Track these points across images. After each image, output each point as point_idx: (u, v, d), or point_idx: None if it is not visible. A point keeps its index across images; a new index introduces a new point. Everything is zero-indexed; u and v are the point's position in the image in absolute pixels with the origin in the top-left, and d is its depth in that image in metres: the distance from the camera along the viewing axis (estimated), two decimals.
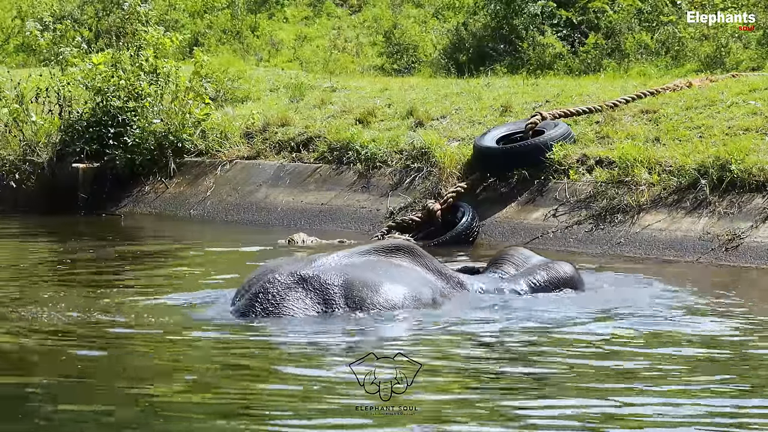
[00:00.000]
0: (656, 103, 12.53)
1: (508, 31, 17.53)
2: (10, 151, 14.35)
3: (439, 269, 7.73)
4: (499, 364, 6.36)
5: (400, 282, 7.39)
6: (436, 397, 5.62)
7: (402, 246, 7.76)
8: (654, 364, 6.27)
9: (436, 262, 7.80)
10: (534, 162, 11.63)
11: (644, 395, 5.61)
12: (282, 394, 5.69)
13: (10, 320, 7.37)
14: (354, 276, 7.31)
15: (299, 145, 13.67)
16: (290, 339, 6.83)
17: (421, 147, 12.52)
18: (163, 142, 14.06)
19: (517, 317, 7.40)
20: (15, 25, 21.70)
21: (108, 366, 6.35)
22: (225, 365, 6.31)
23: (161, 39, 15.02)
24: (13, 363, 6.36)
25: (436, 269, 7.72)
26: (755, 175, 10.44)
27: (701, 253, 10.11)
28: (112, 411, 5.38)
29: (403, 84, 15.78)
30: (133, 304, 7.91)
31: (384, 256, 7.59)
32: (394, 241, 7.89)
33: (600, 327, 7.26)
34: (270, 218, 12.91)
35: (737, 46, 15.83)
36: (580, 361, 6.33)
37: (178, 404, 5.49)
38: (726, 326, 7.33)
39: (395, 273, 7.45)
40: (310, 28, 21.17)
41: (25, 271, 9.82)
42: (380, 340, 6.78)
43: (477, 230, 11.36)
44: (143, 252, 11.22)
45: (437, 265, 7.77)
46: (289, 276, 7.29)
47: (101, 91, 14.28)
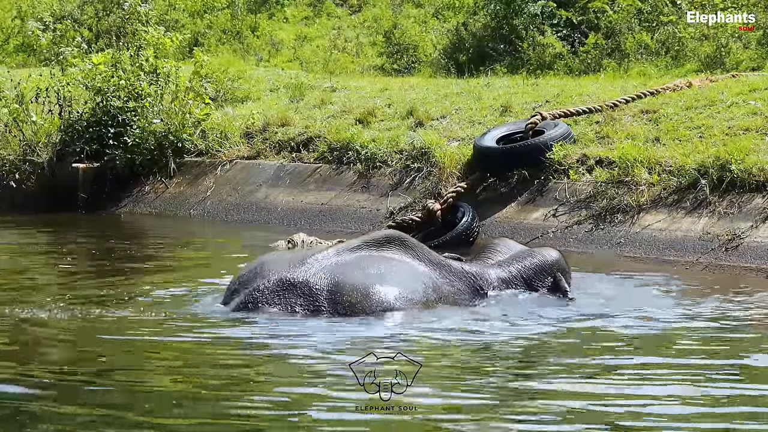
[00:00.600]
0: (656, 103, 12.53)
1: (508, 31, 17.53)
2: (10, 151, 14.35)
3: (431, 259, 7.66)
4: (498, 364, 6.36)
5: (390, 281, 7.33)
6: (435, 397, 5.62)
7: (393, 237, 7.69)
8: (654, 364, 6.27)
9: (428, 252, 7.72)
10: (534, 162, 11.62)
11: (645, 394, 5.62)
12: (282, 394, 5.69)
13: (10, 320, 7.37)
14: (343, 279, 7.24)
15: (299, 145, 13.67)
16: (290, 339, 6.83)
17: (421, 147, 12.51)
18: (163, 142, 14.06)
19: (513, 315, 7.41)
20: (15, 25, 21.70)
21: (106, 366, 6.35)
22: (225, 365, 6.31)
23: (161, 39, 15.02)
24: (12, 363, 6.35)
25: (428, 259, 7.65)
26: (755, 175, 10.44)
27: (701, 253, 10.11)
28: (111, 409, 5.39)
29: (403, 84, 15.77)
30: (132, 305, 7.91)
31: (375, 250, 7.53)
32: (386, 233, 7.79)
33: (599, 325, 7.26)
34: (270, 218, 12.91)
35: (737, 46, 15.83)
36: (580, 360, 6.33)
37: (174, 403, 5.49)
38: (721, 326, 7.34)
39: (386, 270, 7.38)
40: (310, 28, 21.17)
41: (25, 271, 9.82)
42: (379, 339, 6.78)
43: (477, 230, 11.35)
44: (143, 252, 11.22)
45: (429, 254, 7.70)
46: (277, 283, 7.26)
47: (101, 91, 14.28)
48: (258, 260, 7.64)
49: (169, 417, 5.30)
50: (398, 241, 7.65)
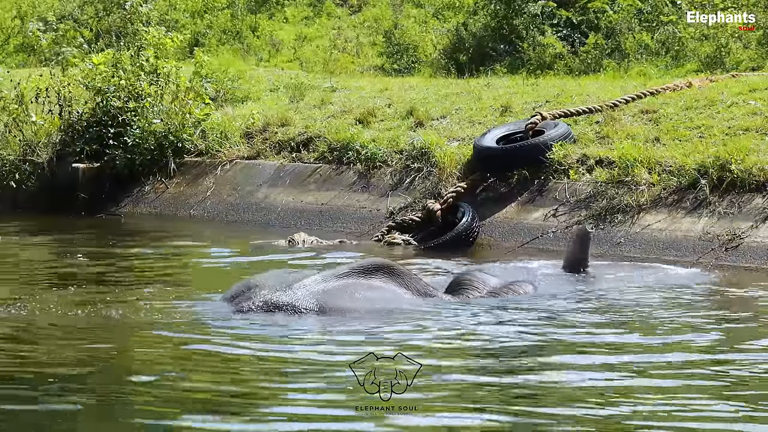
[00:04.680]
0: (656, 103, 12.53)
1: (508, 31, 17.52)
2: (10, 151, 14.34)
3: (418, 288, 7.69)
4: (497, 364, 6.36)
5: (375, 311, 7.32)
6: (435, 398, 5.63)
7: (381, 265, 7.70)
8: (654, 363, 6.27)
9: (416, 281, 7.76)
10: (534, 162, 11.62)
11: (645, 393, 5.62)
12: (281, 393, 5.69)
13: (9, 319, 7.37)
14: (328, 306, 7.26)
15: (299, 145, 13.66)
16: (291, 343, 6.83)
17: (421, 147, 12.51)
18: (163, 142, 14.05)
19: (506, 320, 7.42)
20: (15, 25, 21.69)
21: (105, 364, 6.35)
22: (220, 365, 6.31)
23: (162, 39, 15.01)
24: (11, 363, 6.35)
25: (416, 288, 7.68)
26: (755, 175, 10.44)
27: (701, 253, 10.11)
28: (110, 410, 5.39)
29: (403, 84, 15.77)
30: (131, 304, 7.90)
31: (363, 278, 7.53)
32: (374, 261, 7.79)
33: (598, 330, 7.26)
34: (270, 218, 12.91)
35: (737, 46, 15.83)
36: (579, 360, 6.33)
37: (170, 406, 5.49)
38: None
39: (371, 299, 7.38)
40: (310, 28, 21.16)
41: (25, 271, 9.81)
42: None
43: (477, 230, 11.35)
44: (143, 252, 11.21)
45: (417, 283, 7.72)
46: (263, 306, 7.29)
47: (101, 91, 14.27)
48: (245, 281, 7.66)
49: (165, 419, 5.30)
50: (386, 269, 7.66)
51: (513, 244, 10.86)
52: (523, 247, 10.81)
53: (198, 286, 8.79)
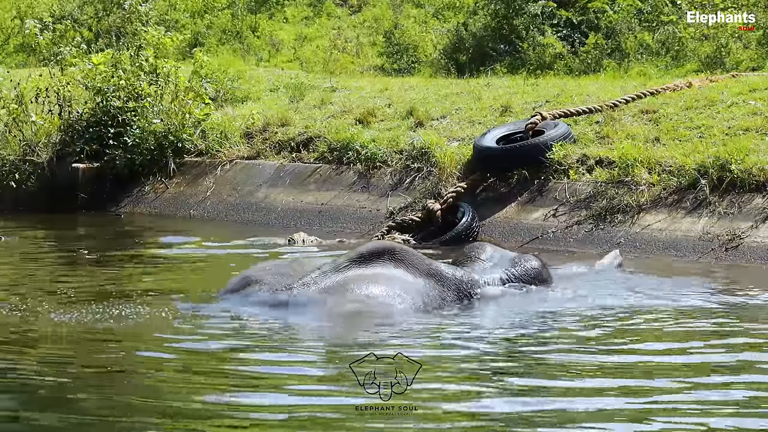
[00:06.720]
0: (656, 103, 12.54)
1: (508, 31, 17.52)
2: (10, 151, 14.34)
3: (422, 269, 7.50)
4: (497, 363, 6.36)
5: (377, 307, 7.20)
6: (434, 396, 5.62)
7: (383, 250, 7.51)
8: (653, 363, 6.27)
9: (420, 259, 7.57)
10: (534, 162, 11.62)
11: (646, 394, 5.62)
12: (282, 394, 5.69)
13: (9, 319, 7.37)
14: (328, 306, 7.13)
15: (299, 145, 13.66)
16: (290, 342, 6.83)
17: (421, 147, 12.51)
18: (163, 142, 14.05)
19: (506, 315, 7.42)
20: (15, 25, 21.68)
21: (105, 364, 6.35)
22: (220, 366, 6.31)
23: (161, 39, 15.01)
24: (11, 362, 6.36)
25: (419, 269, 7.50)
26: (755, 175, 10.44)
27: (701, 253, 10.11)
28: (108, 409, 5.39)
29: (403, 84, 15.77)
30: (131, 304, 7.91)
31: (365, 267, 7.34)
32: (376, 245, 7.62)
33: (597, 324, 7.26)
34: (270, 218, 12.91)
35: (737, 46, 15.83)
36: (582, 358, 6.33)
37: (169, 405, 5.49)
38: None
39: (373, 294, 7.23)
40: (310, 28, 21.16)
41: (25, 271, 9.81)
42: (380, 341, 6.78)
43: (477, 230, 11.35)
44: (143, 252, 11.22)
45: (420, 262, 7.54)
46: (263, 306, 7.21)
47: (101, 91, 14.27)
48: (243, 275, 7.56)
49: (164, 418, 5.30)
50: (387, 254, 7.45)
51: (513, 244, 10.85)
52: (523, 247, 10.80)
53: (198, 285, 8.79)
